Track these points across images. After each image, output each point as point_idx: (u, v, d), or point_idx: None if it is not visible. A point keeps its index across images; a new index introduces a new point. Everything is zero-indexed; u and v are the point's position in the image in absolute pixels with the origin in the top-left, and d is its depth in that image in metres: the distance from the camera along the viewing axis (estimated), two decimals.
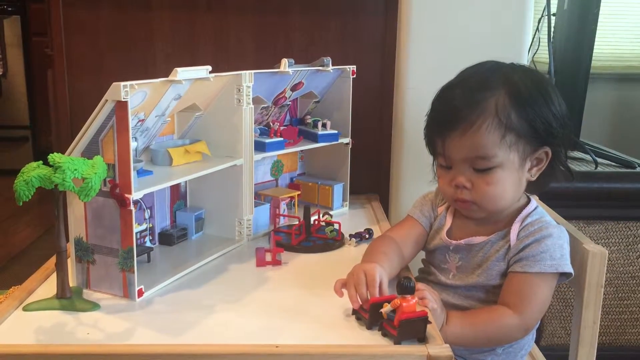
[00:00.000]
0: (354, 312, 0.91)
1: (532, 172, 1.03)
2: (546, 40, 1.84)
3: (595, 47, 1.77)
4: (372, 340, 0.84)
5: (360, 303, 0.89)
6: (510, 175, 1.00)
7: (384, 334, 0.85)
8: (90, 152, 0.95)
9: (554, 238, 1.01)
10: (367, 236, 1.28)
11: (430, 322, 0.84)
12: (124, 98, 0.90)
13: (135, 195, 0.95)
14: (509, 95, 0.98)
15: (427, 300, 0.91)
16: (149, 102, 1.01)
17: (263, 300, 0.99)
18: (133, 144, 0.96)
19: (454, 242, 1.08)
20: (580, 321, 1.02)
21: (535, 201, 1.09)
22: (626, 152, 1.99)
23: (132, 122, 0.95)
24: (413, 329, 0.82)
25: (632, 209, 1.67)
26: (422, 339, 0.82)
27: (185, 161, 1.14)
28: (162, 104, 1.06)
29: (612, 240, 1.68)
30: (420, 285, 0.94)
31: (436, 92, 1.07)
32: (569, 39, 1.85)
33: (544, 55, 1.95)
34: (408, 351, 0.80)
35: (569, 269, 1.00)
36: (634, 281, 1.70)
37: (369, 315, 0.87)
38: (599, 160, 1.78)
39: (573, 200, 1.62)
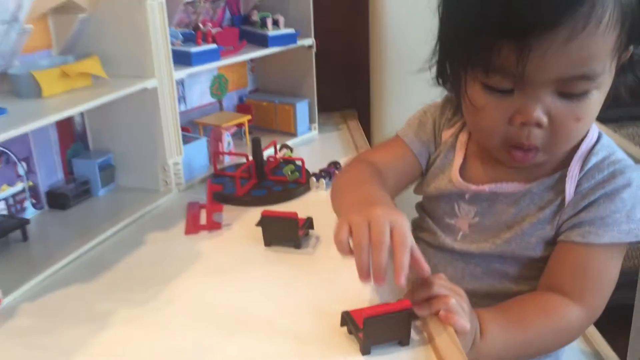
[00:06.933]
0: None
1: None
2: None
3: None
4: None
5: (374, 280, 0.55)
6: (601, 99, 0.65)
7: (350, 331, 0.58)
8: None
9: (632, 188, 0.66)
10: (337, 172, 0.95)
11: (417, 318, 0.58)
12: None
13: None
14: None
15: (454, 314, 0.57)
16: None
17: (189, 297, 0.67)
18: None
19: (472, 187, 0.73)
20: None
21: (595, 125, 0.72)
22: None
23: None
24: (388, 331, 0.55)
25: None
26: (405, 342, 0.56)
27: (63, 89, 0.78)
28: (7, 3, 0.68)
29: None
30: (435, 279, 0.60)
31: None
32: None
33: None
34: None
35: None
36: None
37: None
38: None
39: None
